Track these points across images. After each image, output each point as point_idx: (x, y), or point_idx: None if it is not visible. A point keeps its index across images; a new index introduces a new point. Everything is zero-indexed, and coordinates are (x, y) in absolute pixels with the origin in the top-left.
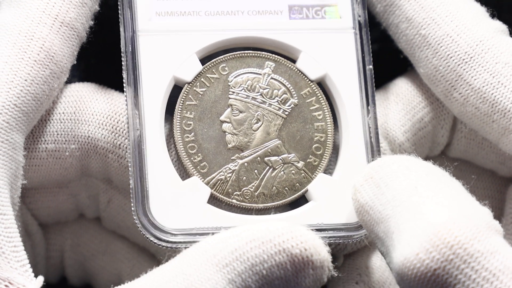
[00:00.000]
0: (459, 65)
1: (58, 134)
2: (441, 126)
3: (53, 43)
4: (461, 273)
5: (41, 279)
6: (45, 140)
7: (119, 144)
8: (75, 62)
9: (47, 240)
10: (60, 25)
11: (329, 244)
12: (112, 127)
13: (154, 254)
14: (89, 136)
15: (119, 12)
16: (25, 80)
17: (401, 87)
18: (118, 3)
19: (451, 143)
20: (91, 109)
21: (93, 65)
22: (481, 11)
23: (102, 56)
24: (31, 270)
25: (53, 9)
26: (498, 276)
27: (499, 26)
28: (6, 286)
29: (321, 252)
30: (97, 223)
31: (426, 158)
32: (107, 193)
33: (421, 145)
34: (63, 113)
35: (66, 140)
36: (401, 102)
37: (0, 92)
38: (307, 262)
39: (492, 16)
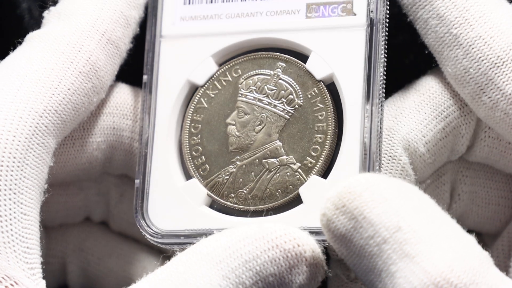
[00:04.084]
0: (490, 68)
1: (84, 129)
2: (462, 135)
3: (98, 58)
4: None
5: (43, 283)
6: (72, 136)
7: None
8: (113, 82)
9: (47, 245)
10: (107, 42)
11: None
12: (136, 117)
13: (163, 252)
14: (114, 127)
15: (148, 17)
16: (68, 89)
17: (422, 94)
18: (148, 9)
19: (472, 150)
20: (114, 101)
21: None
22: None
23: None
24: (40, 274)
25: (102, 25)
26: None
27: None
28: (11, 285)
29: (314, 250)
30: (101, 227)
31: (444, 164)
32: (119, 188)
33: (441, 154)
34: None
35: (92, 134)
36: (422, 111)
37: (44, 97)
38: (301, 258)
39: None
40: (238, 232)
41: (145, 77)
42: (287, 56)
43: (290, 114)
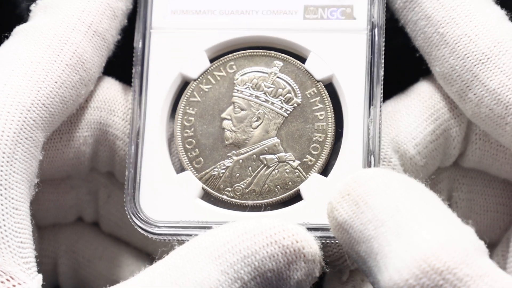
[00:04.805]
0: (475, 65)
1: (71, 123)
2: (453, 138)
3: (85, 50)
4: None
5: (40, 277)
6: (60, 131)
7: (128, 132)
8: (101, 74)
9: (40, 245)
10: (93, 34)
11: (337, 259)
12: (123, 114)
13: (152, 254)
14: (100, 122)
15: (137, 8)
16: (56, 82)
17: (413, 99)
18: (137, 1)
19: (464, 154)
20: (102, 96)
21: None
22: (501, 14)
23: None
24: (35, 268)
25: (88, 17)
26: None
27: None
28: (7, 280)
29: (312, 246)
30: (93, 229)
31: (438, 169)
32: (107, 188)
33: (432, 157)
34: None
35: (79, 128)
36: (412, 114)
37: (31, 91)
38: (299, 254)
39: None
40: (237, 227)
41: (135, 68)
42: (284, 55)
43: (288, 112)
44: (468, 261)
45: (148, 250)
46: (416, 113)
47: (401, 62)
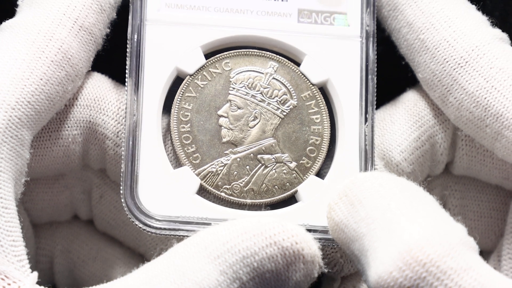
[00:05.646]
0: (454, 69)
1: (61, 121)
2: (439, 144)
3: (70, 46)
4: None
5: (35, 274)
6: (49, 128)
7: (118, 132)
8: (90, 68)
9: (37, 244)
10: (79, 29)
11: (327, 264)
12: (113, 114)
13: (143, 255)
14: (90, 121)
15: (130, 1)
16: (41, 79)
17: (398, 107)
18: None
19: (453, 161)
20: (92, 94)
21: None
22: (481, 19)
23: (103, 57)
24: (28, 265)
25: (73, 12)
26: None
27: (498, 34)
28: (2, 279)
29: (311, 247)
30: (89, 228)
31: (428, 177)
32: (99, 188)
33: (420, 164)
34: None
35: (68, 126)
36: (397, 122)
37: (15, 89)
38: (298, 256)
39: (493, 24)
40: (237, 226)
41: (130, 61)
42: (279, 56)
43: (284, 113)
44: (452, 255)
45: (140, 251)
46: (401, 121)
47: (386, 71)
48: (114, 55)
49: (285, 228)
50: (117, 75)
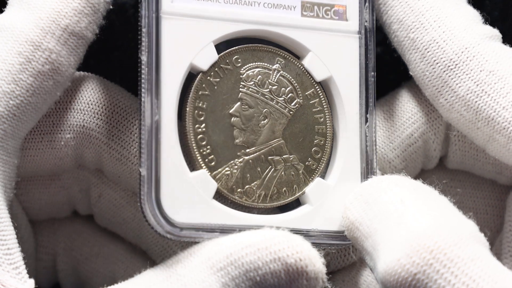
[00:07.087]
0: (444, 71)
1: (53, 124)
2: (432, 140)
3: (59, 54)
4: (441, 278)
5: (32, 281)
6: (41, 131)
7: (113, 136)
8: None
9: (38, 242)
10: (69, 36)
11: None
12: (107, 118)
13: (145, 251)
14: (83, 125)
15: None
16: (27, 91)
17: (391, 104)
18: None
19: (447, 156)
20: (86, 98)
21: (92, 66)
22: (473, 16)
23: (101, 58)
24: (25, 272)
25: (64, 20)
26: (478, 283)
27: (489, 32)
28: None
29: (316, 263)
30: (91, 224)
31: (422, 172)
32: (97, 188)
33: (413, 160)
34: (58, 102)
35: (61, 130)
36: (390, 119)
37: (0, 102)
38: (302, 273)
39: (486, 21)
40: (241, 239)
41: (147, 56)
42: (285, 52)
43: (291, 112)
44: (460, 245)
45: (142, 247)
46: (394, 117)
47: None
48: (112, 55)
49: (290, 244)
50: (114, 75)
